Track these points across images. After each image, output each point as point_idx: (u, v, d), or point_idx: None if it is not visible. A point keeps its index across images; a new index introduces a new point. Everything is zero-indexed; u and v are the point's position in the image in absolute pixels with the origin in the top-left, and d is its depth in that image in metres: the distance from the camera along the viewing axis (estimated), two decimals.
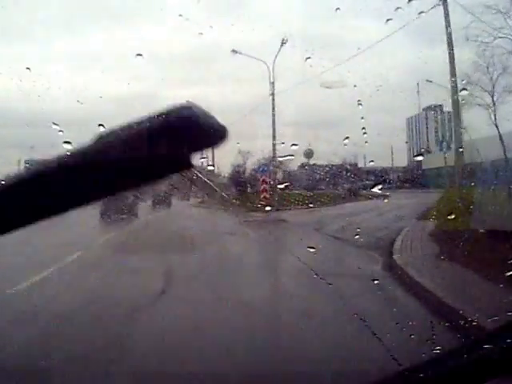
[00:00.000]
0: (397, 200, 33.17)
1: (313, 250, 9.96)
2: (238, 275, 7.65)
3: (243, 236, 14.18)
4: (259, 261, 9.36)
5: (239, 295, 6.31)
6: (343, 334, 4.70)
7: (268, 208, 25.61)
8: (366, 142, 8.19)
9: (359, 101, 7.81)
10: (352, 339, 4.50)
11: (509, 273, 4.73)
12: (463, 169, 14.44)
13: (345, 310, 5.38)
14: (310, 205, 26.61)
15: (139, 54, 9.20)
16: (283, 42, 27.17)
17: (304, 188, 41.65)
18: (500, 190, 12.81)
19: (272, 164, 29.80)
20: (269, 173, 29.62)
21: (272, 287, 6.74)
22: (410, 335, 4.38)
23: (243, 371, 3.71)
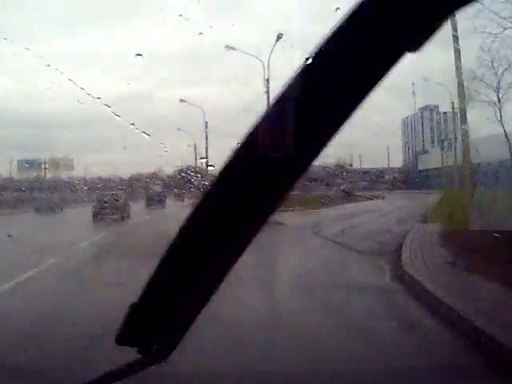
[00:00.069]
0: (394, 201, 32.41)
1: (315, 257, 9.09)
2: (230, 294, 6.59)
3: None
4: (257, 275, 7.99)
5: (234, 315, 5.34)
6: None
7: None
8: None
9: None
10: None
11: None
12: (472, 169, 13.59)
13: (354, 339, 4.37)
14: (306, 206, 25.73)
15: (139, 54, 9.16)
16: (279, 37, 26.56)
17: (299, 188, 40.86)
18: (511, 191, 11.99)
19: None
20: None
21: (267, 307, 5.55)
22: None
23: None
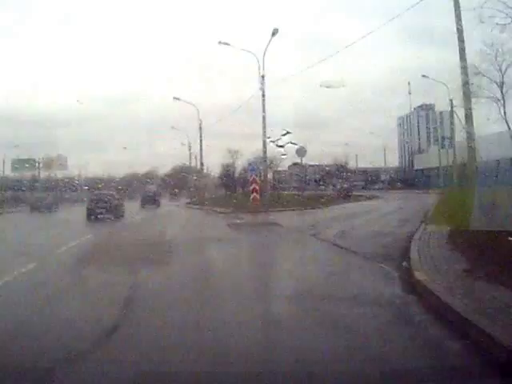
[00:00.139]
0: (392, 201, 31.90)
1: (314, 264, 8.51)
2: (223, 302, 5.91)
3: (231, 244, 12.42)
4: (253, 285, 7.33)
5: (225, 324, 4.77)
6: None
7: (259, 209, 24.10)
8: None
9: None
10: None
11: None
12: (477, 168, 12.96)
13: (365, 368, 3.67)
14: (303, 206, 25.15)
15: (138, 54, 8.43)
16: (274, 33, 26.00)
17: (295, 188, 40.28)
18: None
19: (262, 163, 28.27)
20: (259, 172, 27.99)
21: (261, 333, 4.75)
22: None
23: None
